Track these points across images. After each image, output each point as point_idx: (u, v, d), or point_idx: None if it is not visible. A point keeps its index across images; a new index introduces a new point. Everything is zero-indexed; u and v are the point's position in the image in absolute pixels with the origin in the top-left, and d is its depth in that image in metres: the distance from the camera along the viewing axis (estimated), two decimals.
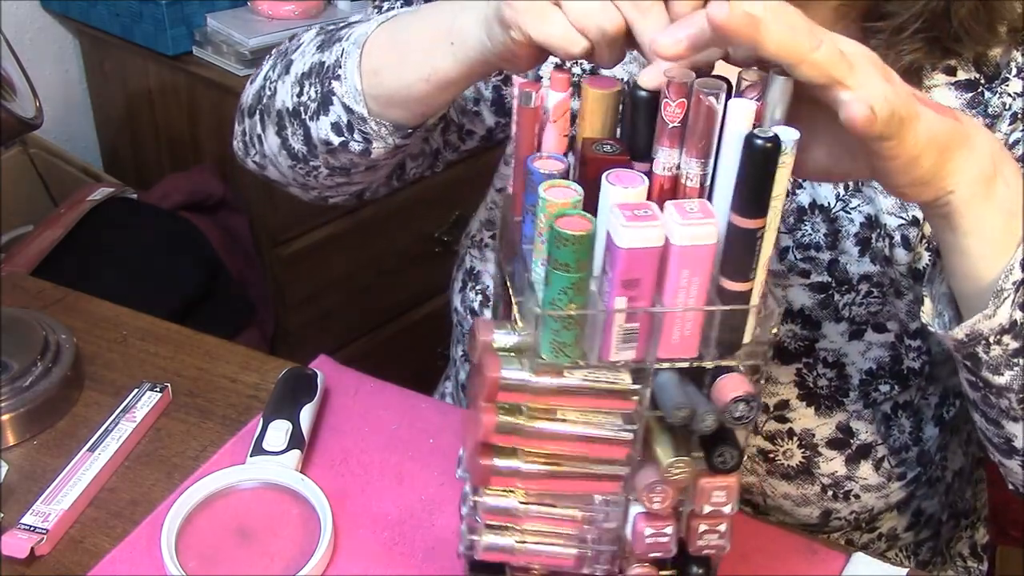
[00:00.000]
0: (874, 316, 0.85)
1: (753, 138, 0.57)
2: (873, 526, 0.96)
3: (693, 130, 0.60)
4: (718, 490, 0.65)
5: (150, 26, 1.64)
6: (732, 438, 0.64)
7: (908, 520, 0.97)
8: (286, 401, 0.90)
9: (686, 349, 0.62)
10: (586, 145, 0.64)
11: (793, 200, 0.84)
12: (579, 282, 0.59)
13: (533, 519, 0.68)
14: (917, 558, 1.02)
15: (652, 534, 0.66)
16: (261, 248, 1.75)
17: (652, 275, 0.60)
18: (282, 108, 0.85)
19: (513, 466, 0.65)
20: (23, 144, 1.69)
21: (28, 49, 1.76)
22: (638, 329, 0.61)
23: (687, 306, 0.60)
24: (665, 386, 0.63)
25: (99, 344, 1.01)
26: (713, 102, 0.59)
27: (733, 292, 0.61)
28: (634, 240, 0.58)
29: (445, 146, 0.97)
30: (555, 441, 0.65)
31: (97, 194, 1.62)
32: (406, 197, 1.89)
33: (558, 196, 0.61)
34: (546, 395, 0.63)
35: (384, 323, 2.00)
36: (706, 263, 0.59)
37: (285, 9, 1.66)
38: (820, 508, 0.90)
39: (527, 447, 0.65)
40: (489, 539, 0.69)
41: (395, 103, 0.77)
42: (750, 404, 0.61)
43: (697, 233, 0.58)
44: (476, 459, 0.65)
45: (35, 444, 0.90)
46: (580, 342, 0.62)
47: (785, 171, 0.59)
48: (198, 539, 0.79)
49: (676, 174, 0.62)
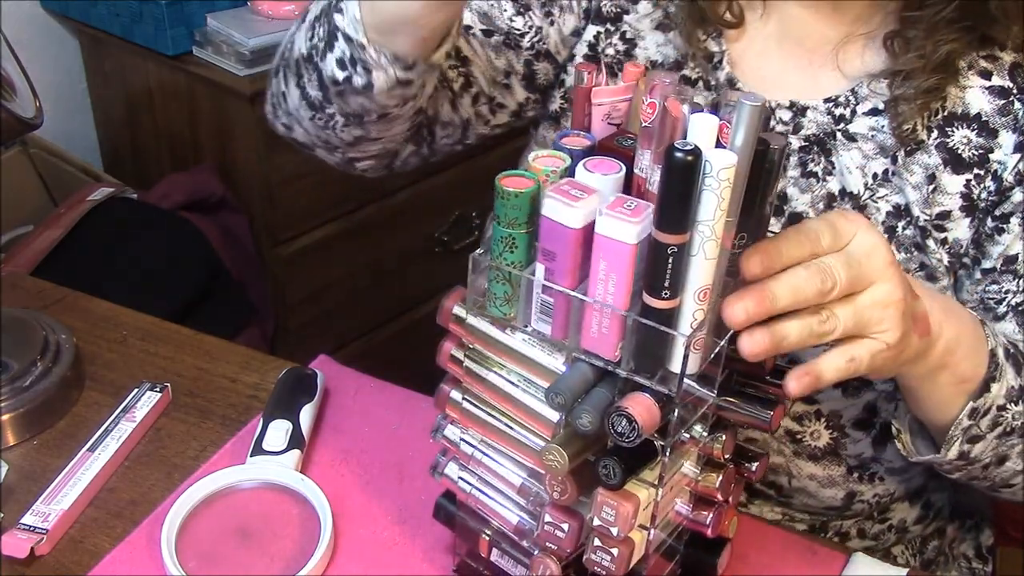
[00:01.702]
0: None
1: (673, 150, 0.56)
2: (885, 516, 0.96)
3: (659, 136, 0.60)
4: (608, 507, 0.63)
5: (150, 26, 1.64)
6: (626, 456, 0.62)
7: (918, 512, 0.97)
8: (286, 401, 0.90)
9: (606, 348, 0.62)
10: (613, 135, 0.66)
11: (824, 186, 0.87)
12: (509, 238, 0.62)
13: (479, 465, 0.71)
14: (923, 556, 1.02)
15: (550, 523, 0.66)
16: (261, 248, 1.75)
17: (567, 254, 0.61)
18: (299, 56, 0.86)
19: (458, 399, 0.70)
20: (23, 144, 1.69)
21: (28, 49, 1.76)
22: (553, 305, 0.62)
23: (605, 301, 0.60)
24: (570, 375, 0.63)
25: (99, 344, 1.01)
26: (679, 109, 0.59)
27: (650, 307, 0.60)
28: (551, 212, 0.60)
29: (476, 118, 0.98)
30: (494, 393, 0.67)
31: (97, 194, 1.62)
32: (406, 197, 1.89)
33: (543, 163, 0.64)
34: (484, 341, 0.67)
35: (384, 323, 2.00)
36: (624, 262, 0.59)
37: (285, 9, 1.66)
38: (845, 489, 0.90)
39: (471, 387, 0.69)
40: (451, 469, 0.73)
41: (393, 29, 0.77)
42: (633, 424, 0.60)
43: (615, 228, 0.58)
44: (443, 383, 0.72)
45: (35, 444, 0.90)
46: (512, 301, 0.64)
47: (713, 196, 0.58)
48: (198, 539, 0.79)
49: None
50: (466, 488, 0.72)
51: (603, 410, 0.61)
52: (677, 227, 0.58)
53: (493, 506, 0.71)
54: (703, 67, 0.90)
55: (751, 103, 0.58)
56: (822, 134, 0.87)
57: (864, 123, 0.86)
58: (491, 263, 0.63)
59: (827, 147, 0.87)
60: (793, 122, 0.88)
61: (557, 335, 0.63)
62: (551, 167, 0.63)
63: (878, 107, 0.86)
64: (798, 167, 0.88)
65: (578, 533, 0.66)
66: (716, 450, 0.68)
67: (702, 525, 0.69)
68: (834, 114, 0.87)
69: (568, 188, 0.60)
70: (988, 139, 0.84)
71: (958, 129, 0.84)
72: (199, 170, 1.73)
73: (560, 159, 0.64)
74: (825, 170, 0.87)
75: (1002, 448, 0.79)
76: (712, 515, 0.69)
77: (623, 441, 0.60)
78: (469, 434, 0.71)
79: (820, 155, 0.87)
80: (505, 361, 0.66)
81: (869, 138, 0.86)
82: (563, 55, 0.97)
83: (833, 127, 0.87)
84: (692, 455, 0.68)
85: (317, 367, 0.97)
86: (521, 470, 0.69)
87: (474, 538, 0.74)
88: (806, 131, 0.87)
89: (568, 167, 0.64)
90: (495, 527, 0.72)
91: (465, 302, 0.68)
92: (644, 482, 0.64)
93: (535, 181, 0.62)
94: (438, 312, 0.69)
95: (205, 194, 1.69)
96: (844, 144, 0.86)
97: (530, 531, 0.69)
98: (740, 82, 0.90)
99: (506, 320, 0.65)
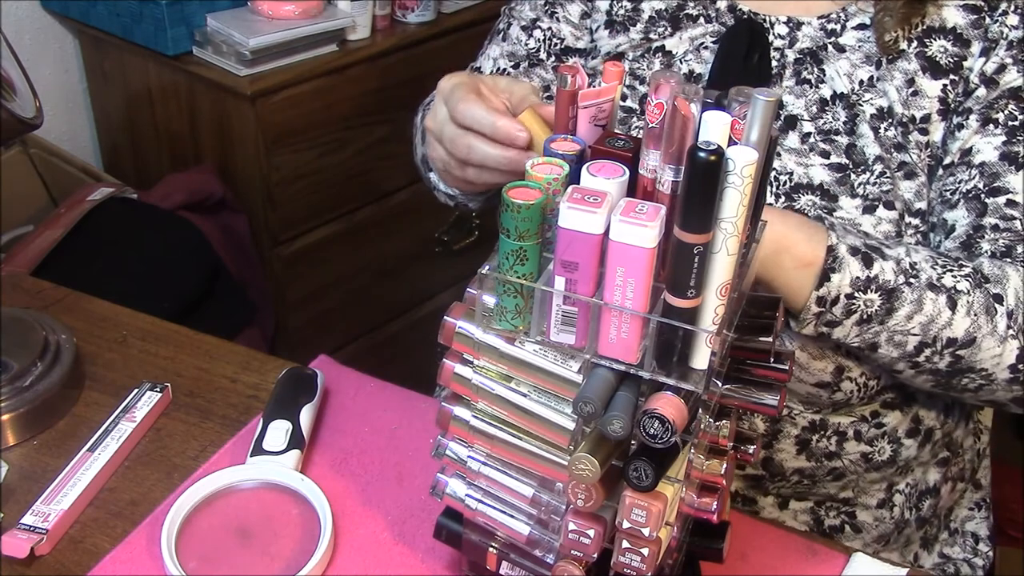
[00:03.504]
0: (885, 195, 0.93)
1: (696, 151, 0.56)
2: (879, 421, 0.97)
3: (669, 136, 0.60)
4: (638, 508, 0.63)
5: (150, 26, 1.64)
6: (654, 456, 0.62)
7: (908, 425, 0.98)
8: (286, 401, 0.90)
9: (626, 352, 0.62)
10: (602, 137, 0.66)
11: (817, 92, 0.96)
12: (520, 251, 0.61)
13: (487, 480, 0.70)
14: (919, 512, 1.03)
15: (575, 531, 0.66)
16: (261, 248, 1.75)
17: (590, 263, 0.60)
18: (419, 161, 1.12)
19: (465, 418, 0.68)
20: (23, 144, 1.69)
21: (28, 49, 1.76)
22: (576, 314, 0.62)
23: (623, 305, 0.60)
24: (592, 382, 0.62)
25: (99, 344, 1.01)
26: (689, 109, 0.58)
27: (674, 307, 0.60)
28: (572, 222, 0.59)
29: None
30: (505, 408, 0.66)
31: (97, 194, 1.62)
32: (406, 197, 1.89)
33: (542, 171, 0.63)
34: (492, 356, 0.65)
35: (384, 323, 2.00)
36: (642, 266, 0.59)
37: (285, 9, 1.66)
38: (834, 363, 0.92)
39: (478, 402, 0.68)
40: (454, 486, 0.72)
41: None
42: (666, 425, 0.59)
43: (633, 233, 0.58)
44: (443, 403, 0.69)
45: (35, 444, 0.90)
46: (523, 313, 0.63)
47: (736, 193, 0.58)
48: (198, 539, 0.79)
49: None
50: (473, 505, 0.71)
51: (632, 414, 0.61)
52: (702, 227, 0.58)
53: (502, 519, 0.70)
54: (703, 3, 1.00)
55: (765, 98, 0.59)
56: (815, 47, 0.97)
57: (852, 36, 0.96)
58: (502, 277, 0.62)
59: (819, 57, 0.97)
60: (789, 36, 0.98)
61: (579, 344, 0.63)
62: (552, 175, 0.63)
63: (865, 22, 0.96)
64: (793, 76, 0.97)
65: (602, 538, 0.66)
66: (722, 438, 0.69)
67: (708, 512, 0.70)
68: (826, 28, 0.97)
69: (580, 196, 0.59)
70: (962, 48, 0.94)
71: (935, 40, 0.94)
72: (199, 170, 1.73)
73: (558, 166, 0.64)
74: (817, 78, 0.96)
75: (867, 335, 0.85)
76: (716, 502, 0.69)
77: (655, 442, 0.60)
78: (475, 450, 0.70)
79: (813, 64, 0.97)
80: (516, 374, 0.66)
81: (856, 48, 0.96)
82: (584, 41, 1.07)
83: (825, 40, 0.97)
84: (703, 446, 0.68)
85: (317, 367, 0.97)
86: (531, 480, 0.68)
87: (480, 553, 0.73)
88: (801, 44, 0.97)
89: (569, 173, 0.64)
90: (502, 540, 0.72)
91: (467, 317, 0.67)
92: (668, 479, 0.64)
93: (542, 191, 0.61)
94: (440, 331, 0.68)
95: (205, 194, 1.69)
96: (834, 55, 0.96)
97: (543, 541, 0.69)
98: (740, 4, 0.99)
99: (516, 333, 0.64)
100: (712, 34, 0.99)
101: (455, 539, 0.75)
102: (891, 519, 1.01)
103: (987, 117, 0.92)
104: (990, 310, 0.84)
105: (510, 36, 1.10)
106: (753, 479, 1.00)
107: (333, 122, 1.73)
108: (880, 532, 1.02)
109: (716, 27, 0.99)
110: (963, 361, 0.85)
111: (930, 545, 1.07)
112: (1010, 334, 0.84)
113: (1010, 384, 0.86)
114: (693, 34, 1.00)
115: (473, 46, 1.17)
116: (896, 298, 0.84)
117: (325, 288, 1.85)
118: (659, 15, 1.02)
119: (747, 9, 0.99)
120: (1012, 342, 0.84)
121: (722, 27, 0.99)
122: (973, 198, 0.91)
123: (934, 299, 0.84)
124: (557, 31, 1.08)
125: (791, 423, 0.96)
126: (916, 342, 0.85)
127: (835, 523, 1.01)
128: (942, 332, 0.84)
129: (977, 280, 0.85)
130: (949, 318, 0.84)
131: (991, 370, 0.85)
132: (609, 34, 1.03)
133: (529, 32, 1.08)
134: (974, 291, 0.84)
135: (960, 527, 1.09)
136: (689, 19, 1.00)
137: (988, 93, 0.93)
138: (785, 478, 0.99)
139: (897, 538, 1.03)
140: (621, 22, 1.03)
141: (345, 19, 1.70)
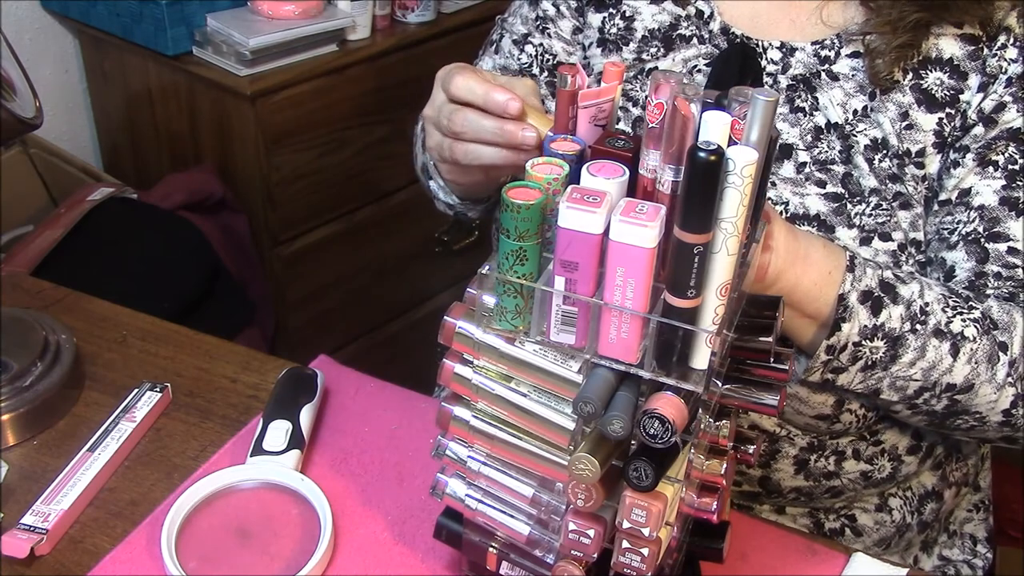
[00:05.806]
0: (881, 226, 0.92)
1: (696, 151, 0.56)
2: (878, 439, 0.97)
3: (669, 136, 0.60)
4: (638, 508, 0.63)
5: (150, 26, 1.64)
6: (654, 456, 0.62)
7: (908, 442, 0.98)
8: (286, 401, 0.90)
9: (626, 352, 0.62)
10: (602, 137, 0.65)
11: (811, 120, 0.95)
12: (520, 251, 0.61)
13: (487, 480, 0.70)
14: (920, 516, 1.02)
15: (575, 531, 0.66)
16: (261, 248, 1.75)
17: (590, 263, 0.60)
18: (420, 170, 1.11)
19: (465, 418, 0.68)
20: (23, 144, 1.69)
21: (28, 49, 1.76)
22: (576, 314, 0.62)
23: (623, 305, 0.60)
24: (592, 382, 0.62)
25: (99, 344, 1.01)
26: (689, 109, 0.58)
27: (674, 307, 0.60)
28: (571, 222, 0.59)
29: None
30: (505, 408, 0.66)
31: (97, 194, 1.62)
32: (406, 197, 1.89)
33: (543, 171, 0.63)
34: (492, 356, 0.65)
35: (384, 323, 2.00)
36: (641, 266, 0.59)
37: (285, 9, 1.66)
38: (834, 396, 0.91)
39: (478, 402, 0.68)
40: (454, 487, 0.72)
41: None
42: (666, 425, 0.59)
43: (633, 233, 0.58)
44: (443, 403, 0.69)
45: (35, 444, 0.90)
46: (523, 313, 0.63)
47: (736, 193, 0.58)
48: (198, 539, 0.79)
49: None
50: (473, 505, 0.71)
51: (632, 414, 0.61)
52: (702, 227, 0.58)
53: (502, 519, 0.70)
54: (696, 24, 0.99)
55: (765, 98, 0.59)
56: (808, 73, 0.95)
57: (847, 64, 0.95)
58: (502, 277, 0.62)
59: (812, 85, 0.95)
60: (783, 62, 0.96)
61: (579, 344, 0.63)
62: (552, 175, 0.63)
63: (859, 51, 0.94)
64: (786, 103, 0.96)
65: (603, 537, 0.66)
66: (722, 438, 0.69)
67: (708, 512, 0.70)
68: (820, 55, 0.96)
69: (579, 196, 0.59)
70: (959, 81, 0.92)
71: (932, 71, 0.93)
72: (199, 170, 1.73)
73: (558, 166, 0.64)
74: (811, 106, 0.95)
75: (871, 381, 0.85)
76: (716, 502, 0.69)
77: (655, 442, 0.60)
78: (475, 450, 0.70)
79: (806, 92, 0.95)
80: (516, 374, 0.66)
81: (850, 77, 0.94)
82: (577, 56, 1.06)
83: (818, 67, 0.95)
84: (703, 446, 0.68)
85: (317, 367, 0.97)
86: (531, 480, 0.68)
87: (480, 553, 0.73)
88: (794, 71, 0.96)
89: (569, 173, 0.64)
90: (502, 540, 0.72)
91: (467, 317, 0.67)
92: (668, 479, 0.64)
93: (541, 191, 0.61)
94: (440, 331, 0.68)
95: (205, 194, 1.69)
96: (828, 83, 0.95)
97: (543, 541, 0.69)
98: (734, 28, 0.98)
99: (516, 333, 0.64)
100: (705, 56, 0.98)
101: (455, 539, 0.75)
102: (892, 523, 1.01)
103: (985, 158, 0.91)
104: (992, 358, 0.84)
105: (503, 49, 1.09)
106: (750, 495, 1.00)
107: (333, 122, 1.73)
108: (881, 536, 1.01)
109: (709, 48, 0.98)
110: (959, 405, 0.85)
111: (929, 548, 1.07)
112: (1008, 382, 0.84)
113: (1001, 427, 0.87)
114: (686, 55, 0.99)
115: (473, 46, 1.17)
116: (901, 345, 0.83)
117: (325, 288, 1.85)
118: (652, 34, 1.00)
119: (740, 32, 0.97)
120: (1008, 389, 0.84)
121: (715, 49, 0.98)
122: (973, 241, 0.90)
123: (937, 346, 0.84)
124: (549, 47, 1.07)
125: (789, 443, 0.96)
126: (917, 387, 0.85)
127: (835, 526, 1.01)
128: (942, 378, 0.84)
129: (985, 327, 0.85)
130: (950, 365, 0.84)
131: (985, 414, 0.86)
132: (602, 52, 1.03)
133: (521, 47, 1.08)
134: (980, 338, 0.84)
135: (959, 529, 1.09)
136: (682, 40, 0.99)
137: (986, 132, 0.91)
138: (782, 495, 0.99)
139: (898, 542, 1.03)
140: (614, 40, 1.02)
141: (345, 19, 1.70)
